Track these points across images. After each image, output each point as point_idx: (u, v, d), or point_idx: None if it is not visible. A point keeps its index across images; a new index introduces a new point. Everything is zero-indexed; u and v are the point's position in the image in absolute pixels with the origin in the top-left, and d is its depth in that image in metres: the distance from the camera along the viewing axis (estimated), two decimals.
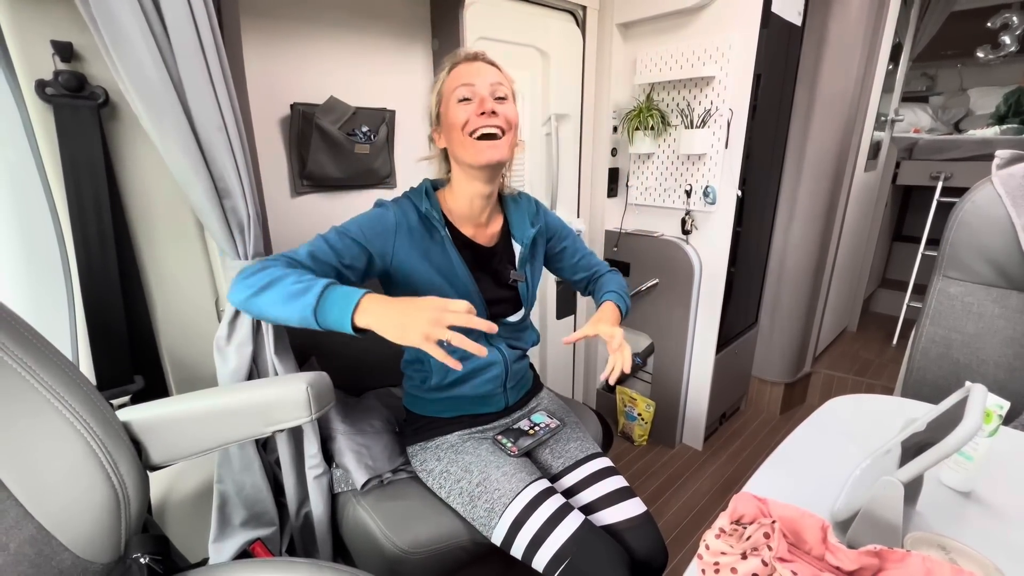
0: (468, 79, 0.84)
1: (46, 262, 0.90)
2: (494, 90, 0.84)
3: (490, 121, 0.83)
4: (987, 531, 0.59)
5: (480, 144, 0.83)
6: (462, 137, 0.84)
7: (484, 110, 0.82)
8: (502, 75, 0.87)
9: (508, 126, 0.85)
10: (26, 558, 0.57)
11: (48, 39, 0.79)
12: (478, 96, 0.83)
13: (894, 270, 3.21)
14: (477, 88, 0.83)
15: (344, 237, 0.82)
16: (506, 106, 0.85)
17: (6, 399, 0.58)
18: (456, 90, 0.84)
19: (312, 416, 0.82)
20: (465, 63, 0.86)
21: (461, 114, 0.83)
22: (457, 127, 0.84)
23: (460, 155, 0.86)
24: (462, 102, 0.84)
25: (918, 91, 3.73)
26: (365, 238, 0.83)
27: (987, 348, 1.00)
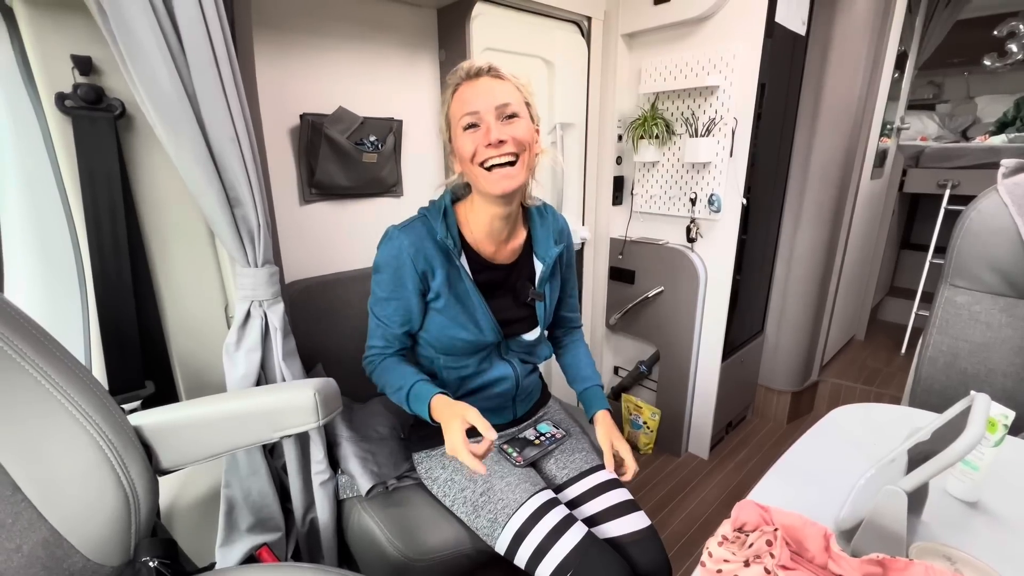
0: (472, 105, 0.78)
1: (62, 269, 0.92)
2: (502, 110, 0.78)
3: (500, 151, 0.78)
4: (993, 541, 0.58)
5: (492, 175, 0.79)
6: (473, 168, 0.80)
7: (491, 141, 0.77)
8: (510, 87, 0.81)
9: (521, 148, 0.79)
10: (38, 560, 0.58)
11: (68, 53, 0.82)
12: (484, 123, 0.78)
13: (902, 278, 3.19)
14: (482, 113, 0.78)
15: (391, 295, 0.86)
16: (516, 125, 0.79)
17: (21, 402, 0.59)
18: (461, 118, 0.79)
19: (320, 422, 0.84)
20: (467, 83, 0.80)
21: (468, 144, 0.79)
22: (466, 159, 0.80)
23: (475, 185, 0.84)
24: (468, 130, 0.79)
25: (925, 99, 3.72)
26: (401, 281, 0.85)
27: (995, 357, 0.99)
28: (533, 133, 0.83)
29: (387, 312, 0.87)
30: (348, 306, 1.22)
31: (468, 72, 0.81)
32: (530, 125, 0.83)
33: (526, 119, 0.82)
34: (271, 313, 0.95)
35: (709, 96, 1.56)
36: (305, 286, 1.17)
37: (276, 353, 0.96)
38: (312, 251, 1.25)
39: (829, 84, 1.74)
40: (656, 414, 1.87)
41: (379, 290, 0.87)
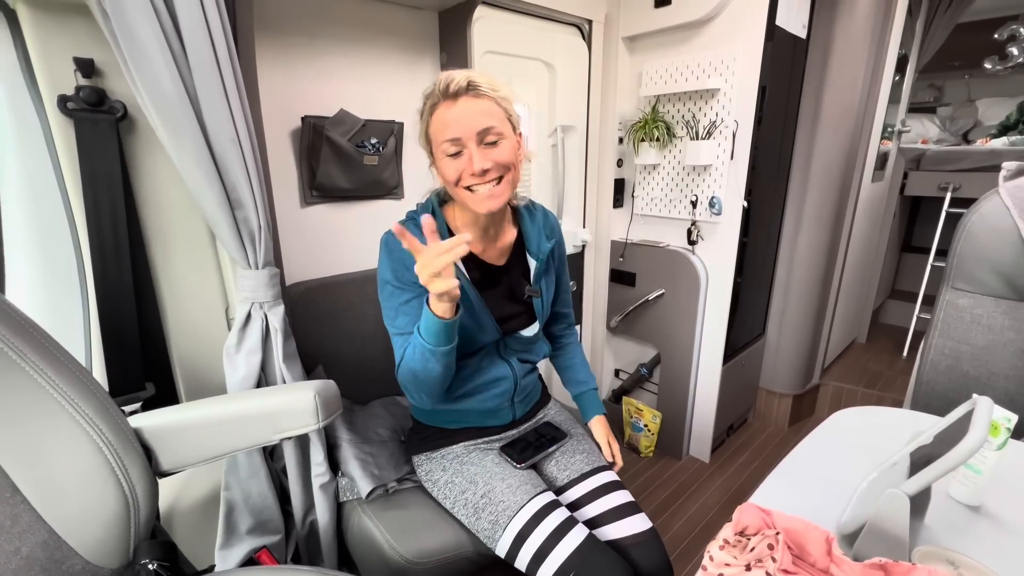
0: (453, 132, 0.76)
1: (63, 270, 0.93)
2: (483, 135, 0.76)
3: (484, 180, 0.78)
4: (996, 545, 0.58)
5: (477, 196, 0.79)
6: (457, 190, 0.80)
7: (475, 171, 0.76)
8: (490, 105, 0.78)
9: (505, 169, 0.79)
10: (37, 562, 0.58)
11: (71, 55, 0.82)
12: (467, 151, 0.77)
13: (903, 281, 3.19)
14: (464, 140, 0.76)
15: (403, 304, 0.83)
16: (500, 149, 0.78)
17: (21, 404, 0.59)
18: (443, 144, 0.77)
19: (320, 424, 0.83)
20: (446, 104, 0.77)
21: (451, 170, 0.78)
22: (450, 183, 0.80)
23: (460, 202, 0.83)
24: (451, 157, 0.78)
25: (926, 102, 3.72)
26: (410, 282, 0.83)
27: (997, 360, 0.99)
28: (516, 150, 0.81)
29: (406, 321, 0.84)
30: (349, 308, 1.22)
31: (446, 91, 0.77)
32: (513, 142, 0.80)
33: (509, 137, 0.79)
34: (272, 315, 0.95)
35: (710, 99, 1.56)
36: (306, 288, 1.17)
37: (276, 355, 0.96)
38: (313, 253, 1.25)
39: (830, 87, 1.75)
40: (657, 417, 1.86)
41: (391, 301, 0.84)
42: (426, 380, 0.81)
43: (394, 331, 0.85)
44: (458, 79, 0.76)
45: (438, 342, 0.75)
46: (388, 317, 0.86)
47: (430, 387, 0.82)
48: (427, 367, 0.78)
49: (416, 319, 0.82)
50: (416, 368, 0.79)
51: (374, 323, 1.23)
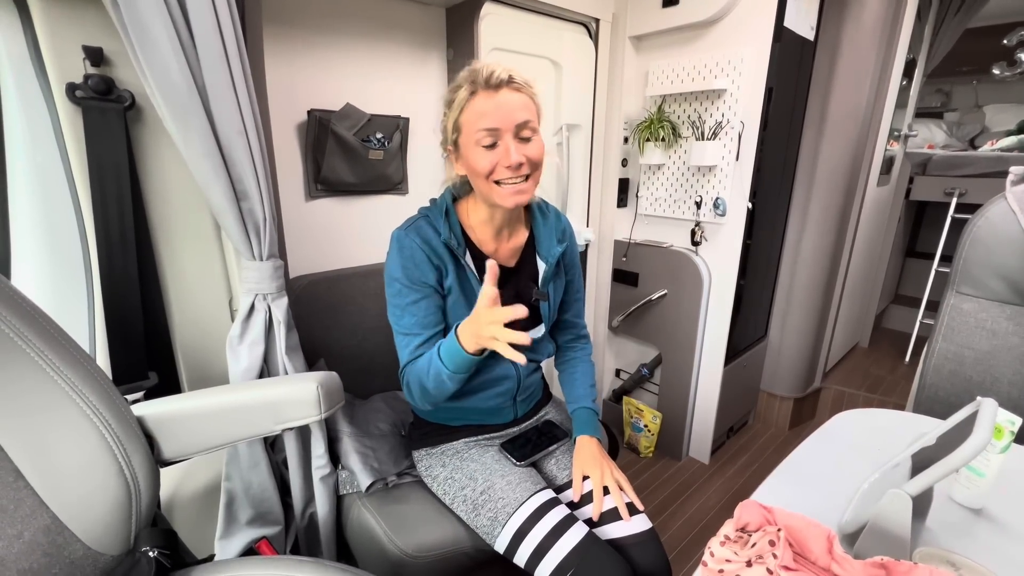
0: (493, 121, 0.75)
1: (69, 259, 0.93)
2: (520, 129, 0.76)
3: (518, 174, 0.77)
4: (998, 548, 0.58)
5: (504, 190, 0.79)
6: (486, 183, 0.79)
7: (511, 164, 0.76)
8: (527, 101, 0.78)
9: (534, 168, 0.79)
10: (39, 547, 0.58)
11: (80, 44, 0.82)
12: (503, 143, 0.76)
13: (907, 286, 3.17)
14: (502, 131, 0.76)
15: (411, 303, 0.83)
16: (533, 144, 0.78)
17: (26, 390, 0.60)
18: (478, 132, 0.76)
19: (321, 415, 0.84)
20: (486, 93, 0.75)
21: (484, 161, 0.77)
22: (481, 174, 0.78)
23: (485, 195, 0.82)
24: (487, 148, 0.77)
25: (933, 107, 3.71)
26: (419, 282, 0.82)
27: (1000, 365, 0.98)
28: (543, 149, 0.82)
29: (412, 322, 0.83)
30: (351, 302, 1.23)
31: (488, 80, 0.75)
32: (542, 141, 0.81)
33: (539, 135, 0.80)
34: (275, 307, 0.95)
35: (716, 99, 1.55)
36: (309, 281, 1.17)
37: (279, 347, 0.96)
38: (317, 247, 1.25)
39: (837, 90, 1.74)
40: (657, 417, 1.86)
41: (398, 299, 0.84)
42: (436, 395, 0.83)
43: (399, 330, 0.85)
44: (499, 71, 0.76)
45: (459, 370, 0.77)
46: (394, 315, 0.85)
47: (435, 400, 0.84)
48: (441, 387, 0.80)
49: (423, 320, 0.83)
50: (428, 385, 0.81)
51: (377, 318, 1.23)
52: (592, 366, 1.07)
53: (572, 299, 1.04)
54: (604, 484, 0.88)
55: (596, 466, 0.90)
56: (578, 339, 1.08)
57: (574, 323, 1.06)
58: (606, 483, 0.88)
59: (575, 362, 1.06)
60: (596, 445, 0.94)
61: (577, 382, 1.04)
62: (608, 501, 0.88)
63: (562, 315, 1.04)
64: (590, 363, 1.07)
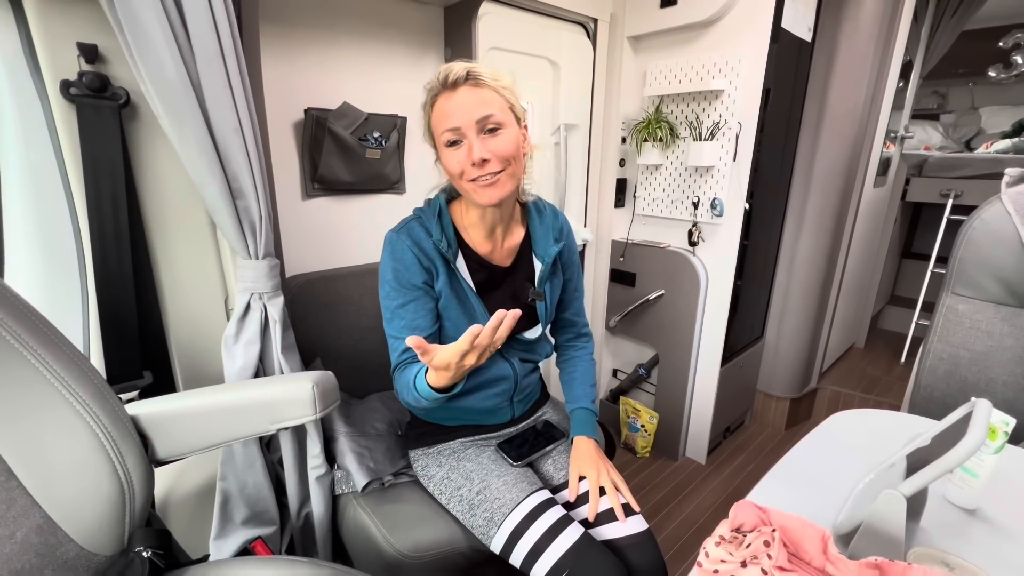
0: (452, 121, 0.75)
1: (62, 257, 0.92)
2: (483, 123, 0.75)
3: (484, 170, 0.76)
4: (992, 549, 0.58)
5: (478, 186, 0.78)
6: (459, 182, 0.80)
7: (474, 160, 0.75)
8: (491, 95, 0.76)
9: (506, 162, 0.77)
10: (32, 547, 0.57)
11: (74, 41, 0.81)
12: (466, 140, 0.76)
13: (903, 287, 3.19)
14: (463, 129, 0.75)
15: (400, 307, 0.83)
16: (500, 138, 0.77)
17: (19, 389, 0.59)
18: (442, 133, 0.77)
19: (317, 415, 0.83)
20: (445, 94, 0.76)
21: (453, 162, 0.78)
22: (454, 175, 0.79)
23: (465, 196, 0.83)
24: (451, 147, 0.77)
25: (929, 109, 3.73)
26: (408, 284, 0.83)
27: (995, 367, 0.99)
28: (519, 141, 0.80)
29: (402, 324, 0.83)
30: (348, 302, 1.22)
31: (445, 82, 0.76)
32: (516, 132, 0.79)
33: (511, 126, 0.78)
34: (271, 306, 0.95)
35: (714, 100, 1.56)
36: (305, 280, 1.16)
37: (275, 346, 0.96)
38: (313, 246, 1.25)
39: (834, 91, 1.75)
40: (654, 417, 1.87)
41: (388, 301, 0.84)
42: (419, 408, 0.85)
43: (390, 332, 0.85)
44: (456, 69, 0.76)
45: (434, 403, 0.78)
46: (385, 318, 0.86)
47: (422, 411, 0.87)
48: (422, 406, 0.81)
49: (411, 324, 0.83)
50: (409, 399, 0.82)
51: (373, 317, 1.23)
52: (593, 364, 1.06)
53: (571, 297, 1.03)
54: (600, 485, 0.88)
55: (593, 467, 0.90)
56: (579, 337, 1.07)
57: (574, 321, 1.06)
58: (602, 484, 0.88)
59: (575, 361, 1.06)
60: (593, 446, 0.94)
61: (576, 382, 1.03)
62: (604, 502, 0.88)
63: (561, 314, 1.04)
64: (591, 361, 1.06)
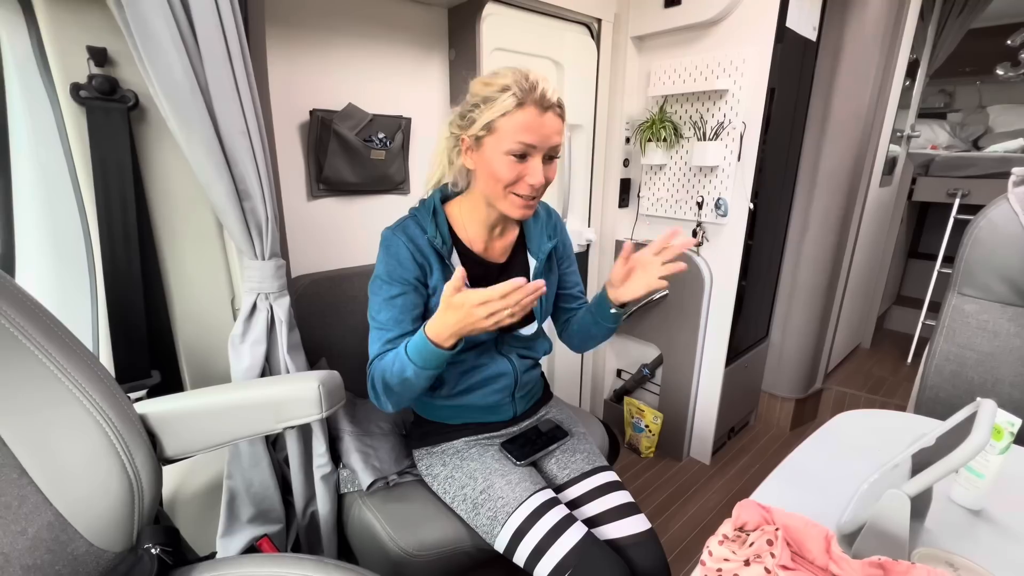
0: (534, 139, 0.77)
1: (72, 257, 0.93)
2: (551, 153, 0.80)
3: (535, 194, 0.81)
4: (997, 549, 0.58)
5: (516, 202, 0.81)
6: (501, 190, 0.81)
7: (536, 184, 0.79)
8: (563, 128, 0.81)
9: (545, 189, 0.83)
10: (43, 543, 0.58)
11: (84, 44, 0.82)
12: (535, 162, 0.78)
13: (909, 287, 3.17)
14: (538, 150, 0.78)
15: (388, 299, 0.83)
16: (551, 168, 0.82)
17: (31, 388, 0.60)
18: (513, 142, 0.77)
19: (323, 413, 0.84)
20: (535, 109, 0.76)
21: (509, 171, 0.78)
22: (501, 181, 0.80)
23: (492, 199, 0.83)
24: (516, 158, 0.78)
25: (936, 108, 3.70)
26: (400, 279, 0.83)
27: (1002, 367, 0.98)
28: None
29: (389, 316, 0.83)
30: (353, 302, 1.23)
31: (541, 98, 0.76)
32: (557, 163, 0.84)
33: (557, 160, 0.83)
34: (277, 306, 0.96)
35: (718, 100, 1.55)
36: (311, 280, 1.17)
37: (281, 346, 0.97)
38: (319, 246, 1.25)
39: (839, 90, 1.74)
40: (658, 418, 1.86)
41: (378, 294, 0.85)
42: (399, 391, 0.79)
43: (375, 324, 0.85)
44: (551, 94, 0.78)
45: (427, 365, 0.75)
46: (372, 309, 0.85)
47: (398, 398, 0.81)
48: (406, 384, 0.77)
49: (398, 317, 0.83)
50: (392, 382, 0.78)
51: None
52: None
53: (571, 281, 1.05)
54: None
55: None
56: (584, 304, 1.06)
57: (577, 296, 1.05)
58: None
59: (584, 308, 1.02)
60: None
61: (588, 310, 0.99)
62: (606, 501, 0.89)
63: (561, 303, 1.05)
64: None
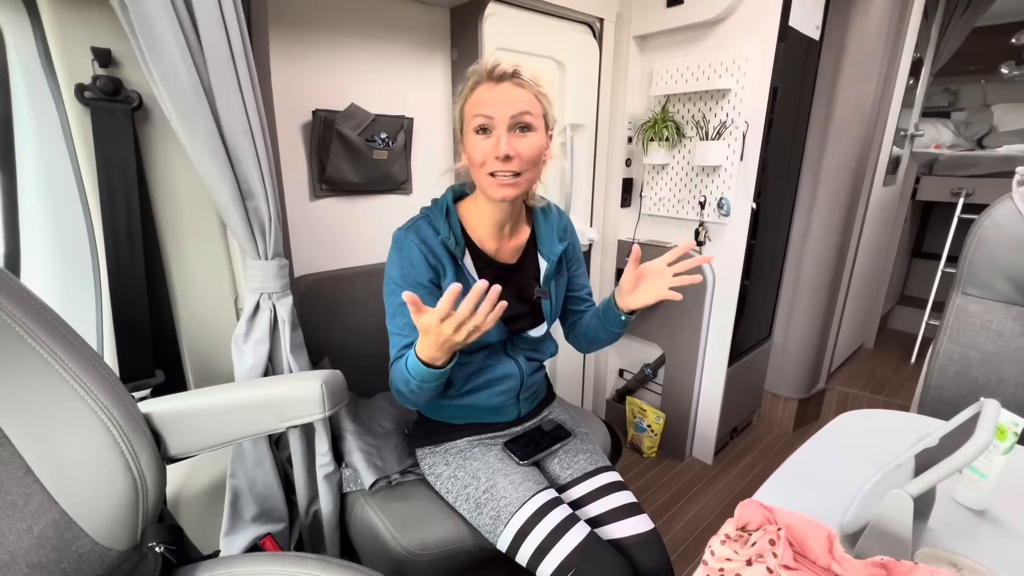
0: (488, 108, 0.77)
1: (77, 257, 0.94)
2: (516, 120, 0.77)
3: (505, 167, 0.77)
4: (1001, 550, 0.58)
5: (495, 181, 0.79)
6: (480, 172, 0.80)
7: (499, 154, 0.76)
8: (530, 97, 0.78)
9: (525, 166, 0.79)
10: (48, 542, 0.59)
11: (88, 45, 0.83)
12: (496, 132, 0.77)
13: (913, 287, 3.16)
14: (496, 120, 0.77)
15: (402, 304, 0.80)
16: (527, 140, 0.78)
17: (36, 387, 0.61)
18: (474, 118, 0.78)
19: (325, 413, 0.84)
20: (488, 84, 0.78)
21: (477, 150, 0.79)
22: (474, 162, 0.80)
23: (479, 186, 0.83)
24: (479, 134, 0.78)
25: (940, 106, 3.68)
26: (413, 282, 0.83)
27: (1006, 367, 0.98)
28: (543, 147, 0.82)
29: (404, 322, 0.83)
30: (356, 301, 1.23)
31: (491, 73, 0.78)
32: (542, 139, 0.81)
33: (539, 132, 0.80)
34: (280, 306, 0.96)
35: (720, 99, 1.55)
36: (314, 280, 1.18)
37: (284, 345, 0.97)
38: (321, 246, 1.26)
39: (842, 89, 1.73)
40: (660, 418, 1.86)
41: (392, 298, 0.84)
42: (414, 399, 0.81)
43: (392, 329, 0.85)
44: (504, 64, 0.78)
45: (424, 380, 0.75)
46: (388, 315, 0.86)
47: (416, 403, 0.83)
48: (415, 394, 0.79)
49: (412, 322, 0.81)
50: (403, 389, 0.80)
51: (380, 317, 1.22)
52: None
53: (579, 284, 1.04)
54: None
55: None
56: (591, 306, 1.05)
57: (584, 298, 1.05)
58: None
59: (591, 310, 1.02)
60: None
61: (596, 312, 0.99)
62: (609, 501, 0.88)
63: (569, 305, 1.04)
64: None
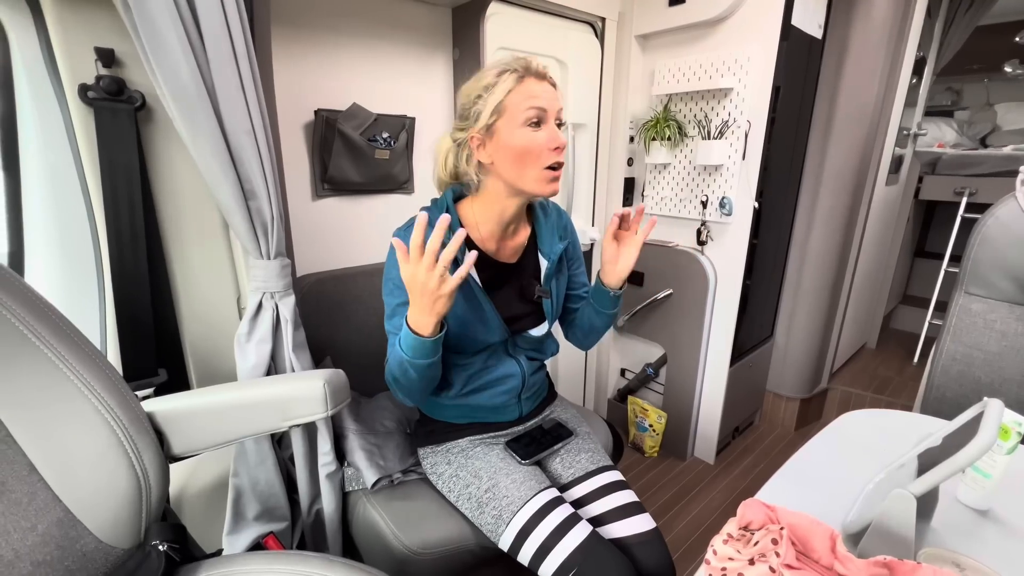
0: (542, 101, 0.78)
1: (80, 256, 0.94)
2: (558, 118, 0.81)
3: (561, 157, 0.81)
4: (1004, 550, 0.58)
5: (547, 175, 0.81)
6: (528, 165, 0.80)
7: (559, 144, 0.79)
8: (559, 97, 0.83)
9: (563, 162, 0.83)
10: (53, 540, 0.59)
11: (92, 46, 0.83)
12: (550, 125, 0.80)
13: (916, 287, 3.15)
14: (549, 113, 0.79)
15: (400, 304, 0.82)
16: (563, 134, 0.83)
17: (39, 386, 0.61)
18: (526, 111, 0.78)
19: (328, 412, 0.84)
20: (536, 79, 0.79)
21: (534, 141, 0.79)
22: (528, 154, 0.79)
23: (520, 182, 0.82)
24: (532, 126, 0.79)
25: (943, 105, 3.67)
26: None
27: (1010, 367, 0.98)
28: None
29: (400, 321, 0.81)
30: (358, 301, 1.23)
31: (536, 70, 0.80)
32: None
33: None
34: (282, 305, 0.96)
35: (723, 98, 1.55)
36: (316, 280, 1.18)
37: (286, 345, 0.97)
38: (324, 246, 1.26)
39: (845, 88, 1.73)
40: (662, 417, 1.86)
41: (390, 298, 0.85)
42: (407, 386, 0.80)
43: (390, 329, 0.85)
44: (539, 64, 0.81)
45: (415, 355, 0.75)
46: (386, 315, 0.86)
47: (409, 392, 0.82)
48: (406, 376, 0.78)
49: None
50: (396, 374, 0.79)
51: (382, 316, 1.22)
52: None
53: (579, 282, 1.04)
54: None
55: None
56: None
57: (583, 296, 1.04)
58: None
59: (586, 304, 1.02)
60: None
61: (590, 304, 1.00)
62: (611, 500, 0.88)
63: (568, 303, 1.04)
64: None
